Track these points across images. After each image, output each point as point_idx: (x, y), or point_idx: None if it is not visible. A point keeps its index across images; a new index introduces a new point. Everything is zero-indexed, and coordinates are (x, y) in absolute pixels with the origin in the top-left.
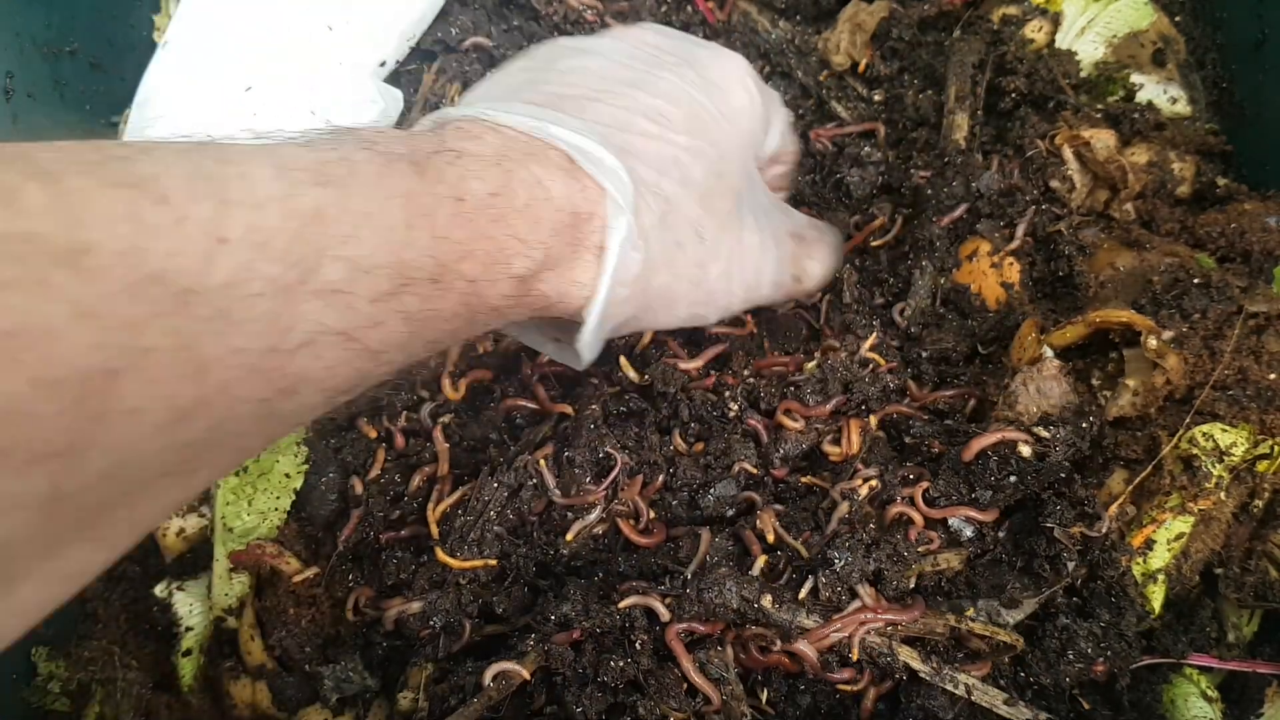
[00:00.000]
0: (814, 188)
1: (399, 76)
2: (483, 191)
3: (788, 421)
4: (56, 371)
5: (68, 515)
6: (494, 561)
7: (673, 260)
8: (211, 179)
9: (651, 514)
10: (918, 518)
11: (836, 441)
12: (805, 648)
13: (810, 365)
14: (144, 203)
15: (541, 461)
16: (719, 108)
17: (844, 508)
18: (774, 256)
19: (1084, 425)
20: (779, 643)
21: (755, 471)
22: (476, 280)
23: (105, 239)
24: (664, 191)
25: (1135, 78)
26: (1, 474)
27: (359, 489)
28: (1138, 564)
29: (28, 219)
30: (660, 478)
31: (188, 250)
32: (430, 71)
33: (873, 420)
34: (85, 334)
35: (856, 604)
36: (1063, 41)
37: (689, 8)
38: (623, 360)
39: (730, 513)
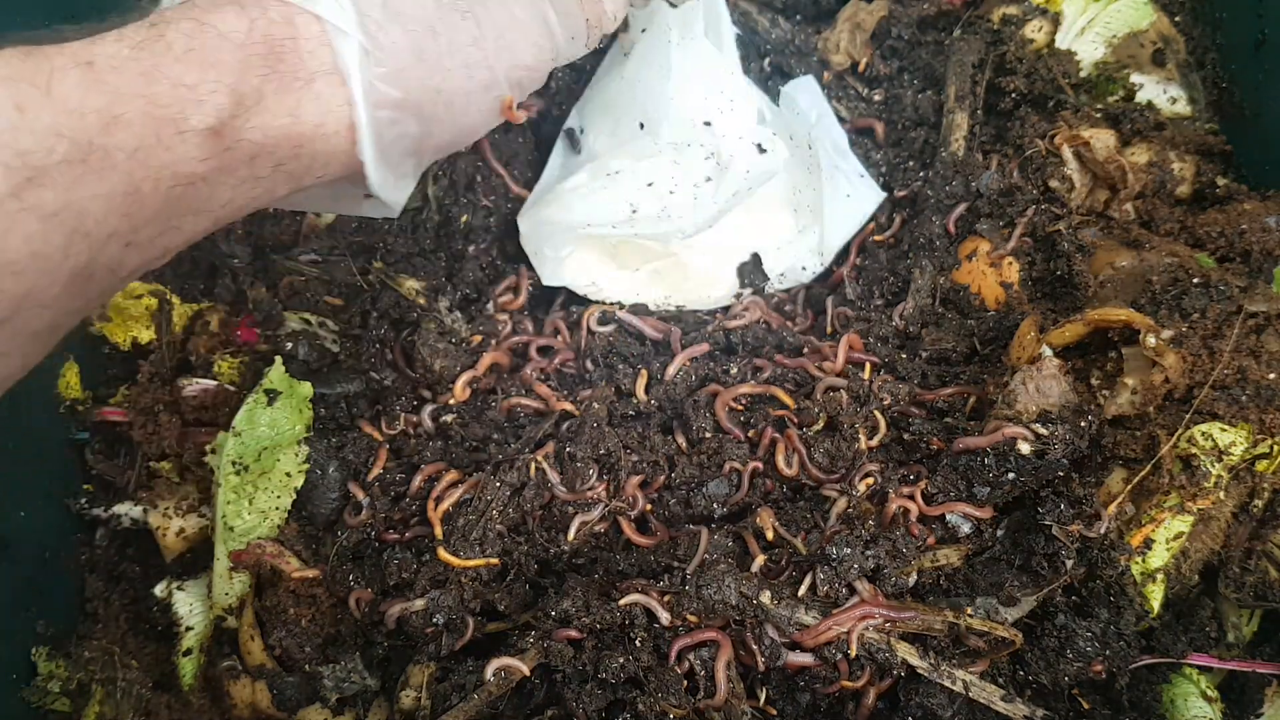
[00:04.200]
0: None
1: None
2: (119, 51)
3: (785, 470)
4: None
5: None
6: (495, 560)
7: (428, 54)
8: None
9: (649, 507)
10: (914, 508)
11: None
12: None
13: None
14: None
15: (542, 459)
16: None
17: (842, 504)
18: (555, 12)
19: (1083, 424)
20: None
21: (744, 469)
22: (140, 148)
23: None
24: None
25: (1135, 78)
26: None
27: (360, 495)
28: (1137, 563)
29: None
30: (661, 477)
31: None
32: None
33: (881, 423)
34: None
35: (854, 599)
36: (1063, 41)
37: None
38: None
39: (721, 511)
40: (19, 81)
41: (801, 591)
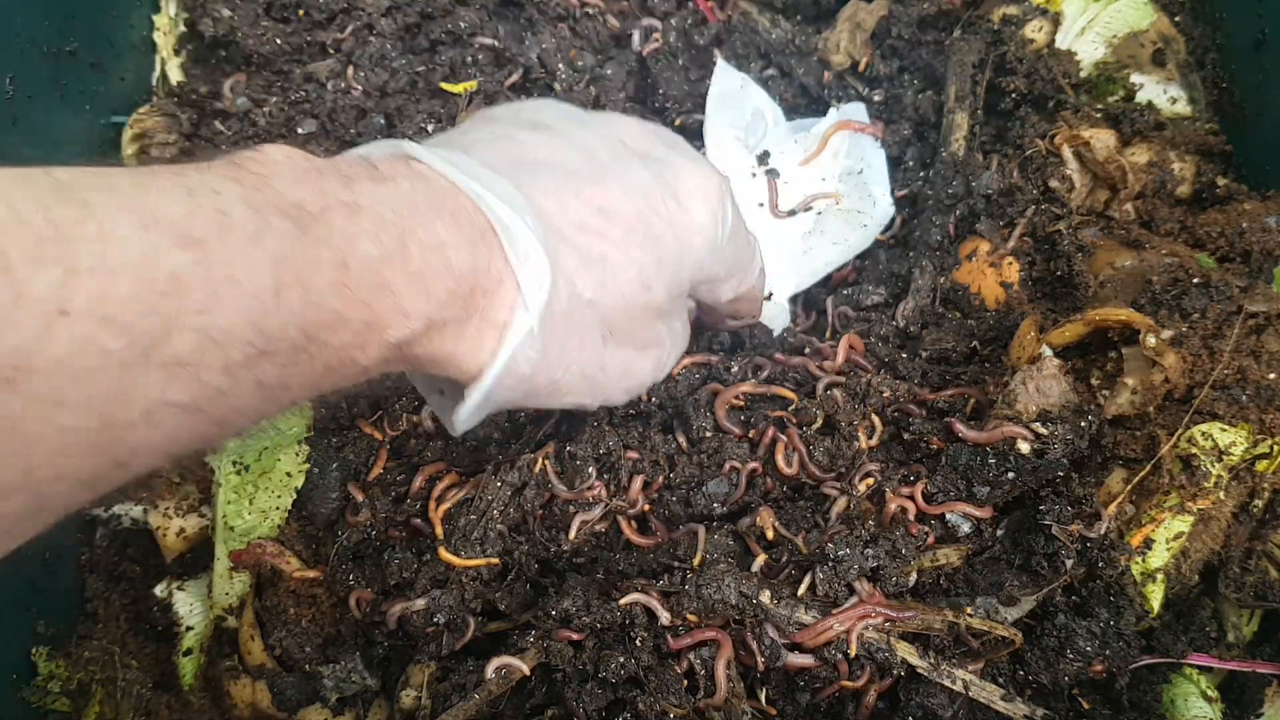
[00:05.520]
0: None
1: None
2: (372, 255)
3: (784, 468)
4: None
5: None
6: (496, 560)
7: (567, 357)
8: (64, 240)
9: (649, 507)
10: (913, 508)
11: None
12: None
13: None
14: None
15: (544, 459)
16: (673, 218)
17: (842, 503)
18: (660, 360)
19: (1083, 424)
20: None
21: (743, 469)
22: (346, 347)
23: None
24: (579, 289)
25: (1135, 78)
26: None
27: (360, 497)
28: (1136, 563)
29: None
30: (661, 477)
31: (23, 326)
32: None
33: (877, 422)
34: None
35: (854, 599)
36: (1063, 41)
37: (689, 5)
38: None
39: (721, 510)
40: (289, 267)
41: (801, 591)
